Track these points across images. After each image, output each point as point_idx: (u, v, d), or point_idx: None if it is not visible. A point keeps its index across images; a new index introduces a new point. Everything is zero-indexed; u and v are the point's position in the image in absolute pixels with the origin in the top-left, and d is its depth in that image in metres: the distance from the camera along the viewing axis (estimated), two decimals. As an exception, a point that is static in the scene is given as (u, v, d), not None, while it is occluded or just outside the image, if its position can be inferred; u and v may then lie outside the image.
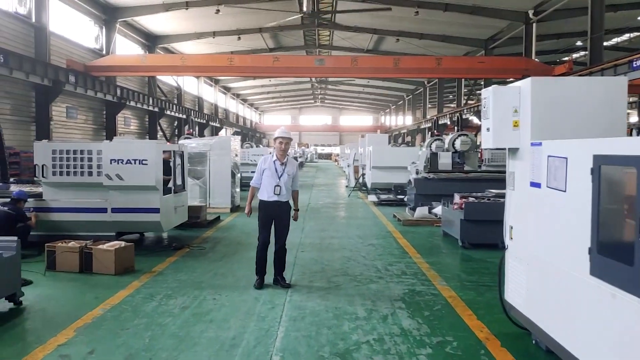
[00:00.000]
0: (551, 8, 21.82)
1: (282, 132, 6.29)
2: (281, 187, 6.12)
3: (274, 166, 6.15)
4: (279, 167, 6.14)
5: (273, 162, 6.18)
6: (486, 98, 4.56)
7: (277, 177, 6.12)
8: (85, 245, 6.71)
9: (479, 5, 23.81)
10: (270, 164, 6.17)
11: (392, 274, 6.86)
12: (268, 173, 6.14)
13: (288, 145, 6.30)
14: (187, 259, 7.66)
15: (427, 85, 45.39)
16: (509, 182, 4.69)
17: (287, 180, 6.17)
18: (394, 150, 19.07)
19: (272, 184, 6.10)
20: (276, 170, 6.13)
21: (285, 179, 6.16)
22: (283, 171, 6.15)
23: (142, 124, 29.76)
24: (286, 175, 6.16)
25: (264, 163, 6.24)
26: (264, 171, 6.18)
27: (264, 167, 6.20)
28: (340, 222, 11.97)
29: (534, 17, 23.27)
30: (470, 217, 8.58)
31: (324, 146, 75.38)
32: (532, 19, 23.47)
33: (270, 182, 6.12)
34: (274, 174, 6.12)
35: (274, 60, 24.33)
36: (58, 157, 7.69)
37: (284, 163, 6.19)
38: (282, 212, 6.21)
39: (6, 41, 17.17)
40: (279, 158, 6.20)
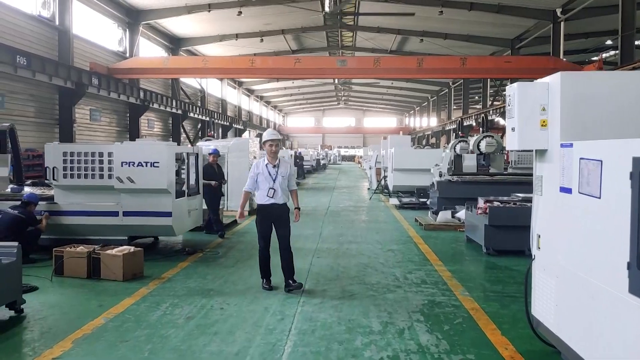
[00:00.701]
0: (580, 6, 21.11)
1: (271, 134, 6.32)
2: (275, 190, 6.12)
3: (266, 170, 6.16)
4: (272, 170, 6.16)
5: (265, 166, 6.19)
6: (511, 95, 4.19)
7: (271, 180, 6.13)
8: (93, 251, 6.54)
9: (504, 3, 23.21)
10: (263, 169, 6.18)
11: (410, 283, 6.51)
12: (262, 177, 6.16)
13: (278, 147, 6.31)
14: (198, 265, 7.44)
15: (452, 86, 44.69)
16: (536, 187, 4.31)
17: (281, 182, 6.18)
18: (416, 152, 18.64)
19: (267, 187, 6.12)
20: (269, 174, 6.15)
21: (280, 181, 6.17)
22: (276, 173, 6.17)
23: (165, 126, 29.94)
24: (280, 177, 6.17)
25: (256, 168, 6.24)
26: (258, 176, 6.18)
27: (257, 172, 6.20)
28: (360, 226, 11.63)
29: (562, 16, 22.56)
30: (495, 222, 8.16)
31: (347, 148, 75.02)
32: (559, 17, 22.76)
33: (264, 186, 6.14)
34: (268, 178, 6.14)
35: (295, 61, 24.13)
36: (69, 159, 7.55)
37: (276, 165, 6.21)
38: (280, 214, 6.21)
39: (30, 44, 17.33)
40: (270, 161, 6.22)
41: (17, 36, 16.75)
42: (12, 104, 16.56)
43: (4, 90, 16.09)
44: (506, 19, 24.86)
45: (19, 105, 16.91)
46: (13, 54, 15.08)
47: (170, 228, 7.75)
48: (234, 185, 12.92)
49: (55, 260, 6.59)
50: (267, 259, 6.25)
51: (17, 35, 16.76)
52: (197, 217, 8.89)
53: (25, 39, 17.17)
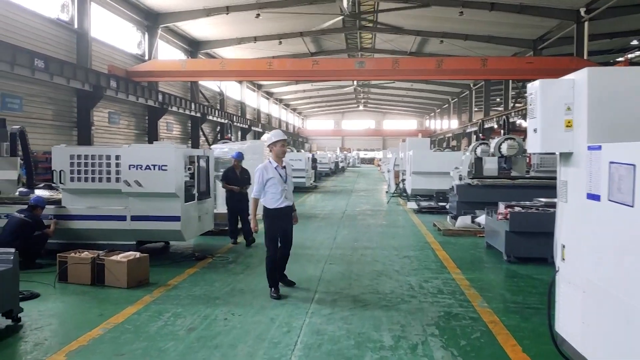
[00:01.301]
0: (604, 5, 20.46)
1: (281, 134, 6.28)
2: (287, 191, 6.16)
3: (277, 172, 6.10)
4: (282, 172, 6.14)
5: (275, 168, 6.12)
6: (532, 94, 3.87)
7: (283, 182, 6.10)
8: (97, 257, 6.36)
9: (527, 3, 22.67)
10: (273, 172, 6.09)
11: (426, 293, 6.19)
12: (273, 181, 6.05)
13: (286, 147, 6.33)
14: (206, 271, 7.22)
15: (473, 88, 44.05)
16: (561, 193, 3.97)
17: (289, 182, 6.25)
18: (435, 154, 18.21)
19: (281, 189, 6.06)
20: (280, 176, 6.10)
21: (289, 181, 6.24)
22: (286, 174, 6.18)
23: (184, 129, 30.00)
24: (289, 178, 6.25)
25: (266, 173, 6.09)
26: (268, 180, 6.05)
27: (267, 176, 6.06)
28: (376, 230, 11.32)
29: (586, 16, 21.92)
30: (516, 228, 7.79)
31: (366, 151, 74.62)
32: (583, 17, 22.12)
33: (278, 189, 6.06)
34: (280, 180, 6.07)
35: (313, 63, 23.91)
36: (76, 162, 7.41)
37: (284, 166, 6.23)
38: (290, 215, 6.27)
39: (48, 47, 17.41)
40: (278, 163, 6.18)
41: (36, 39, 16.83)
42: (31, 106, 16.65)
43: (22, 93, 16.17)
44: (528, 19, 24.32)
45: (37, 108, 16.99)
46: (30, 56, 15.13)
47: (179, 233, 7.56)
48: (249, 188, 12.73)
49: (59, 266, 6.43)
50: (275, 267, 6.13)
51: (36, 39, 16.84)
52: (208, 221, 8.69)
53: (43, 42, 17.26)
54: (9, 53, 14.27)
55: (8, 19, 15.66)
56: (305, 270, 7.34)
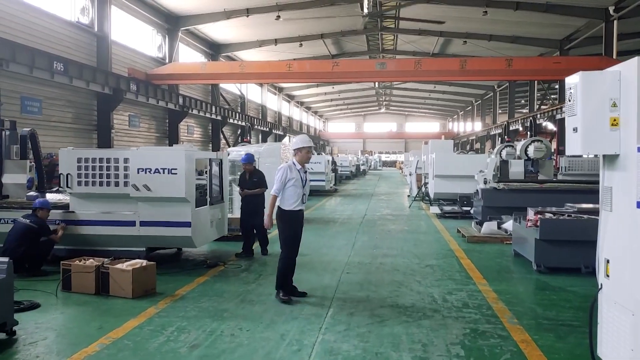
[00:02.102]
0: (634, 3, 19.65)
1: (308, 141, 6.28)
2: (305, 195, 6.16)
3: (299, 175, 6.08)
4: (303, 176, 6.12)
5: (298, 171, 6.10)
6: (572, 88, 3.43)
7: (301, 187, 6.08)
8: (102, 265, 6.07)
9: (553, 2, 21.97)
10: (296, 174, 6.08)
11: (450, 306, 5.74)
12: (294, 183, 6.03)
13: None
14: (217, 280, 6.88)
15: (497, 89, 43.18)
16: (604, 201, 3.52)
17: (307, 187, 6.24)
18: (459, 157, 17.66)
19: (299, 193, 6.04)
20: (301, 179, 6.08)
21: (308, 186, 6.24)
22: (306, 179, 6.17)
23: (205, 132, 29.97)
24: (307, 183, 6.23)
25: (290, 172, 6.07)
26: (289, 181, 6.03)
27: (290, 176, 6.04)
28: (397, 237, 10.87)
29: (615, 14, 21.10)
30: (547, 236, 7.28)
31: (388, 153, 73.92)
32: (612, 15, 21.30)
33: (296, 191, 6.03)
34: (300, 183, 6.06)
35: (333, 65, 23.54)
36: (83, 165, 7.15)
37: (306, 171, 6.24)
38: (302, 221, 6.24)
39: (68, 50, 17.40)
40: (302, 167, 6.17)
41: (56, 42, 16.81)
42: (50, 109, 16.62)
43: (42, 96, 16.15)
44: (554, 18, 23.60)
45: (57, 111, 16.96)
46: (50, 59, 15.09)
47: (190, 239, 7.24)
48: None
49: (63, 274, 6.16)
50: (293, 269, 6.12)
51: (56, 42, 16.83)
52: (221, 227, 8.35)
53: (63, 45, 17.24)
54: (28, 56, 14.25)
55: (28, 22, 15.66)
56: (321, 279, 6.96)
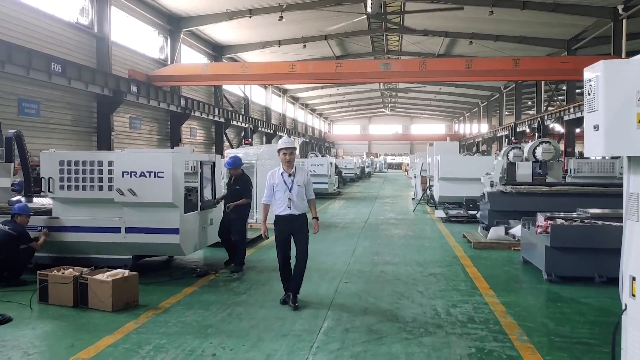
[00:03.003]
0: (644, 2, 19.21)
1: (285, 142, 6.09)
2: (292, 200, 5.87)
3: (282, 179, 5.95)
4: (287, 179, 5.94)
5: (281, 174, 5.98)
6: (593, 80, 3.00)
7: (287, 190, 5.89)
8: (81, 275, 5.68)
9: (561, 1, 21.51)
10: (278, 178, 5.98)
11: (454, 321, 5.29)
12: (278, 187, 5.94)
13: (292, 155, 6.03)
14: (205, 290, 6.45)
15: (504, 90, 42.70)
16: (630, 209, 3.08)
17: (298, 191, 5.93)
18: (465, 159, 17.19)
19: (285, 197, 5.89)
20: (285, 183, 5.92)
21: (296, 190, 5.92)
22: (292, 182, 5.93)
23: (208, 135, 29.70)
24: (296, 186, 5.93)
25: (272, 178, 6.04)
26: (274, 186, 5.96)
27: (272, 181, 6.00)
28: (399, 242, 10.41)
29: (624, 13, 20.66)
30: (558, 243, 6.82)
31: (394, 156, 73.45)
32: (621, 14, 20.86)
33: (281, 196, 5.92)
34: (284, 187, 5.90)
35: (336, 65, 23.14)
36: (66, 168, 6.76)
37: (291, 174, 5.97)
38: (298, 225, 5.94)
39: (67, 51, 17.13)
40: (285, 170, 5.99)
41: (54, 43, 16.56)
42: (49, 112, 16.35)
43: (40, 98, 15.86)
44: (562, 17, 23.18)
45: (56, 113, 16.69)
46: (47, 60, 14.81)
47: (178, 247, 6.83)
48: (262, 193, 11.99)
49: (39, 284, 5.76)
50: (288, 271, 5.99)
51: (54, 43, 16.57)
52: (213, 233, 7.92)
53: (62, 47, 16.99)
54: (25, 57, 13.96)
55: (26, 23, 15.41)
56: (317, 289, 6.54)
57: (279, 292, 6.05)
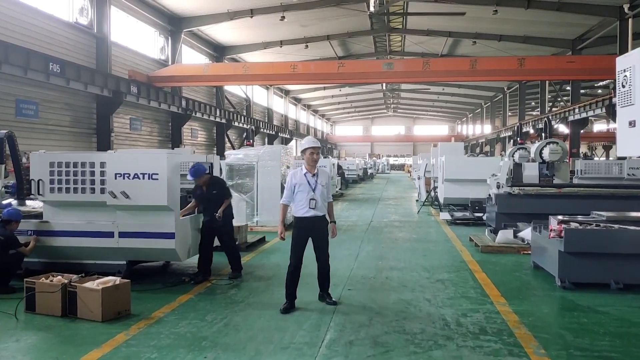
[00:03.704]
0: (650, 1, 18.93)
1: (312, 141, 5.95)
2: (317, 200, 5.76)
3: (305, 179, 5.82)
4: (311, 180, 5.81)
5: (304, 175, 5.84)
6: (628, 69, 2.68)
7: (311, 190, 5.76)
8: (69, 283, 5.38)
9: (565, 0, 21.21)
10: (301, 178, 5.83)
11: (465, 332, 4.97)
12: (301, 187, 5.80)
13: (319, 155, 5.94)
14: (202, 299, 6.13)
15: (507, 91, 42.42)
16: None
17: (321, 191, 5.84)
18: (470, 160, 16.87)
19: (307, 197, 5.75)
20: (309, 183, 5.79)
21: (320, 190, 5.82)
22: (316, 183, 5.82)
23: (209, 136, 29.50)
24: (320, 186, 5.83)
25: (294, 178, 5.88)
26: (295, 186, 5.82)
27: (294, 182, 5.84)
28: (404, 246, 10.09)
29: (630, 12, 20.38)
30: (573, 248, 6.50)
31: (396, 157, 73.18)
32: (627, 13, 20.60)
33: (304, 196, 5.77)
34: (307, 187, 5.77)
35: (339, 65, 22.87)
36: (56, 170, 6.45)
37: (315, 174, 5.86)
38: (320, 228, 5.86)
39: (66, 52, 16.91)
40: (309, 170, 5.86)
41: (53, 44, 16.34)
42: (47, 112, 16.13)
43: (38, 98, 15.62)
44: (567, 17, 22.93)
45: (55, 114, 16.47)
46: (45, 61, 14.58)
47: (174, 252, 6.53)
48: (264, 196, 11.75)
49: (26, 292, 5.47)
50: (297, 277, 5.82)
51: (53, 43, 16.35)
52: (211, 237, 7.62)
53: (61, 47, 16.77)
54: (23, 57, 13.74)
55: (24, 23, 15.19)
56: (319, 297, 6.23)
57: (280, 299, 5.75)
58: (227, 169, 11.87)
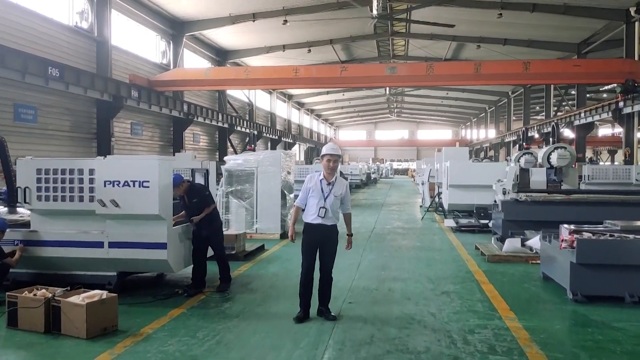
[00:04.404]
0: (658, 3, 18.64)
1: (331, 148, 5.76)
2: (326, 210, 5.56)
3: (319, 185, 5.64)
4: (325, 187, 5.63)
5: (319, 181, 5.67)
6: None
7: (322, 198, 5.58)
8: (53, 297, 5.09)
9: (571, 3, 20.93)
10: (316, 183, 5.66)
11: (473, 351, 4.65)
12: (313, 193, 5.64)
13: (337, 163, 5.73)
14: (194, 313, 5.81)
15: (512, 95, 42.10)
16: None
17: (333, 201, 5.61)
18: (475, 165, 16.54)
19: (317, 205, 5.57)
20: (322, 190, 5.61)
21: (332, 200, 5.60)
22: (329, 192, 5.61)
23: (212, 140, 29.33)
24: (332, 196, 5.61)
25: (310, 181, 5.72)
26: (310, 190, 5.66)
27: (309, 185, 5.69)
28: (408, 255, 9.76)
29: (636, 15, 20.10)
30: (585, 260, 6.17)
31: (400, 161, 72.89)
32: (634, 17, 20.36)
33: (315, 202, 5.60)
34: (319, 194, 5.60)
35: (341, 70, 22.61)
36: (44, 177, 6.17)
37: (330, 183, 5.66)
38: (328, 237, 5.64)
39: (66, 56, 16.71)
40: (326, 177, 5.68)
41: (53, 47, 16.15)
42: (47, 117, 15.93)
43: (37, 103, 15.41)
44: (572, 20, 22.67)
45: (54, 119, 16.27)
46: (44, 65, 14.37)
47: (166, 263, 6.22)
48: (263, 202, 11.44)
49: (8, 307, 5.18)
50: (309, 283, 5.64)
51: (53, 47, 16.16)
52: (206, 246, 7.31)
53: (61, 51, 16.56)
54: (20, 61, 13.52)
55: (22, 26, 14.98)
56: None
57: (276, 314, 5.47)
58: (226, 174, 11.59)
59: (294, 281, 7.04)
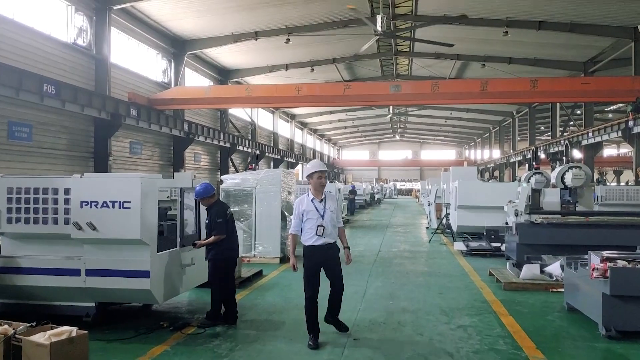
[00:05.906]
0: (665, 22, 18.23)
1: (318, 165, 5.69)
2: (325, 227, 5.48)
3: (313, 205, 5.56)
4: (319, 206, 5.56)
5: (311, 201, 5.59)
6: None
7: (319, 217, 5.50)
8: (14, 335, 4.44)
9: (578, 21, 20.53)
10: (308, 204, 5.57)
11: (500, 403, 3.99)
12: (309, 215, 5.53)
13: (326, 179, 5.68)
14: (178, 351, 5.11)
15: (517, 115, 41.60)
16: None
17: (331, 217, 5.57)
18: (485, 185, 15.90)
19: (316, 224, 5.48)
20: (317, 209, 5.53)
21: (329, 216, 5.55)
22: (324, 208, 5.56)
23: (213, 160, 28.86)
24: (329, 212, 5.57)
25: (301, 205, 5.60)
26: (304, 214, 5.53)
27: (302, 209, 5.56)
28: (417, 281, 9.05)
29: (645, 33, 19.70)
30: (620, 291, 5.47)
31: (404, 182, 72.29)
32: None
33: (313, 224, 5.50)
34: (316, 214, 5.52)
35: (345, 88, 22.09)
36: (14, 197, 5.58)
37: (322, 200, 5.61)
38: (331, 255, 5.58)
39: (63, 73, 16.26)
40: (315, 196, 5.60)
41: (49, 64, 15.70)
42: (42, 135, 15.41)
43: (32, 121, 14.91)
44: (579, 38, 22.26)
45: (50, 137, 15.75)
46: (40, 81, 13.91)
47: (148, 293, 5.54)
48: (262, 223, 10.80)
49: (-36, 346, 4.55)
50: (315, 310, 5.50)
51: (49, 64, 15.71)
52: (197, 274, 6.58)
53: (58, 68, 16.12)
54: (15, 77, 13.05)
55: (18, 42, 14.54)
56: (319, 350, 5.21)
57: (272, 352, 4.80)
58: (223, 194, 10.98)
59: (293, 312, 6.42)
